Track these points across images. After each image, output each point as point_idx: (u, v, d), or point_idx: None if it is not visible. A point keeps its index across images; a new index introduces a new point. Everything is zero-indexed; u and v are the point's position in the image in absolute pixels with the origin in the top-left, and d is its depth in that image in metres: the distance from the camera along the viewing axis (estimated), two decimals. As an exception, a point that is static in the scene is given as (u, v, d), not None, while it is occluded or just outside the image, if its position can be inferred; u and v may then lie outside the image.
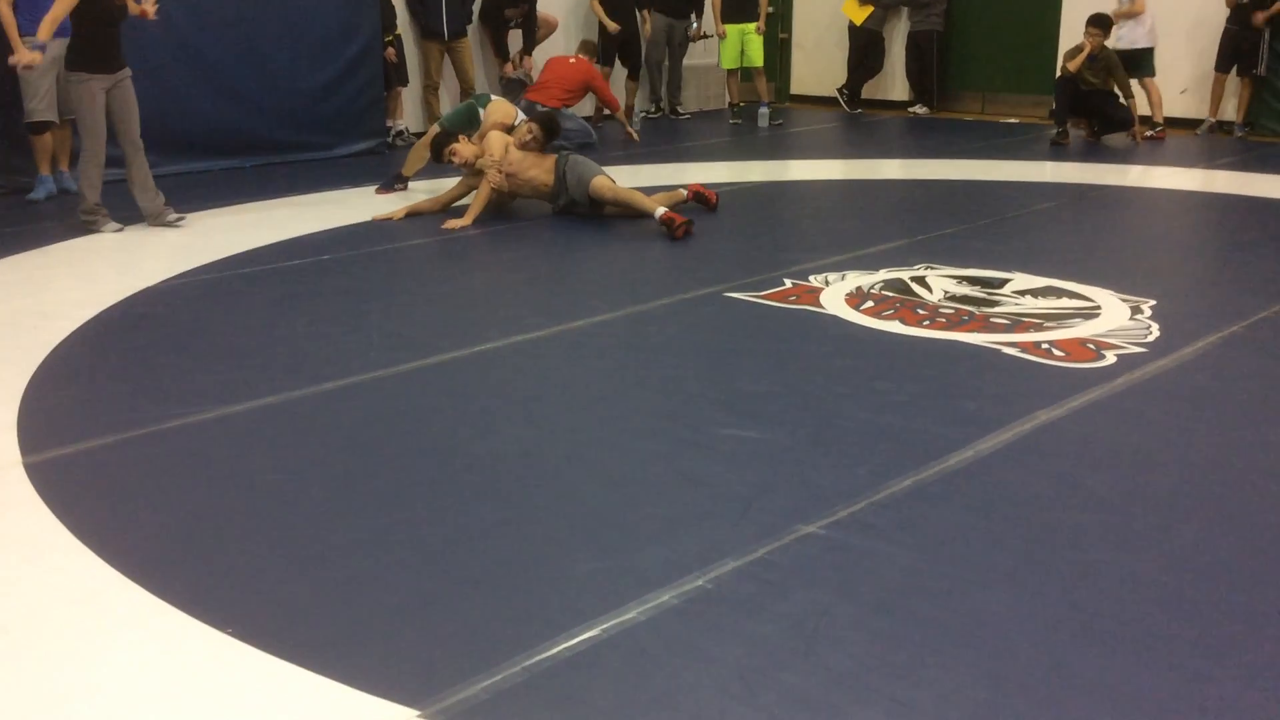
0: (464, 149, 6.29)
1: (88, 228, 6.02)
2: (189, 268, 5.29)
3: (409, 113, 9.39)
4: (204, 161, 7.75)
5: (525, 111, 9.09)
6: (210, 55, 7.79)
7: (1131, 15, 9.27)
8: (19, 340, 4.22)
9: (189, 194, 6.89)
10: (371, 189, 7.13)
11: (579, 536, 2.72)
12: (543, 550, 2.66)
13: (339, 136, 8.50)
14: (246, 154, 8.02)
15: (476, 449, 3.26)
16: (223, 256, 5.50)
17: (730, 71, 10.73)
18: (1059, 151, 8.94)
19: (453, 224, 6.02)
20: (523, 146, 6.27)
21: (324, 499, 2.94)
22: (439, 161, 6.51)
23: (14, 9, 6.58)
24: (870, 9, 11.23)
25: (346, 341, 4.22)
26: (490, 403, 3.64)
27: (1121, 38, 9.25)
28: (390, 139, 9.04)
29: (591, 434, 3.39)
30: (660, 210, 5.87)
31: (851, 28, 11.42)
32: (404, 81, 9.18)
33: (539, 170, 6.27)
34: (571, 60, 9.33)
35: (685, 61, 10.99)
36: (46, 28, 5.77)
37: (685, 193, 6.43)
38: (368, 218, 6.39)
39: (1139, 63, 9.27)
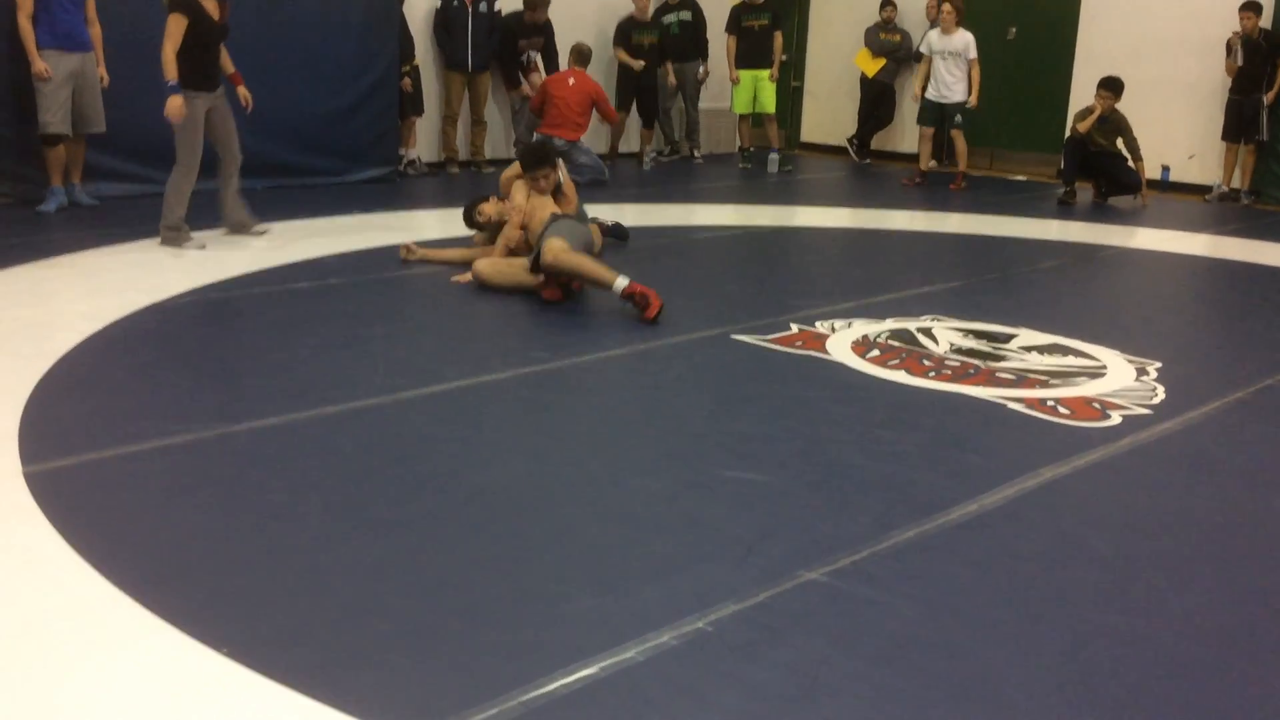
0: (489, 207, 6.02)
1: (170, 242, 6.09)
2: (196, 285, 5.29)
3: (422, 143, 9.45)
4: (216, 181, 7.78)
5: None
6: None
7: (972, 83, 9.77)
8: (23, 350, 4.21)
9: (200, 213, 6.91)
10: (382, 215, 7.15)
11: (578, 572, 2.70)
12: (541, 585, 2.64)
13: (352, 162, 8.55)
14: (260, 176, 8.05)
15: (477, 480, 3.25)
16: (231, 276, 5.51)
17: (742, 116, 10.82)
18: (1066, 210, 8.99)
19: (462, 278, 5.59)
20: (539, 191, 5.78)
21: (323, 523, 2.92)
22: (470, 226, 6.21)
23: (33, 22, 6.65)
24: (883, 62, 11.35)
25: (351, 366, 4.22)
26: (492, 434, 3.63)
27: (949, 95, 9.79)
28: (402, 167, 9.09)
29: (593, 470, 3.38)
30: (624, 283, 4.97)
31: (863, 79, 11.53)
32: (419, 111, 9.25)
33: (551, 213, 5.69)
34: (570, 81, 9.22)
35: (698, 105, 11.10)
36: (172, 65, 5.84)
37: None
38: (376, 244, 6.41)
39: (954, 113, 9.84)
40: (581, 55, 9.40)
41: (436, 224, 7.22)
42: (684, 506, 3.10)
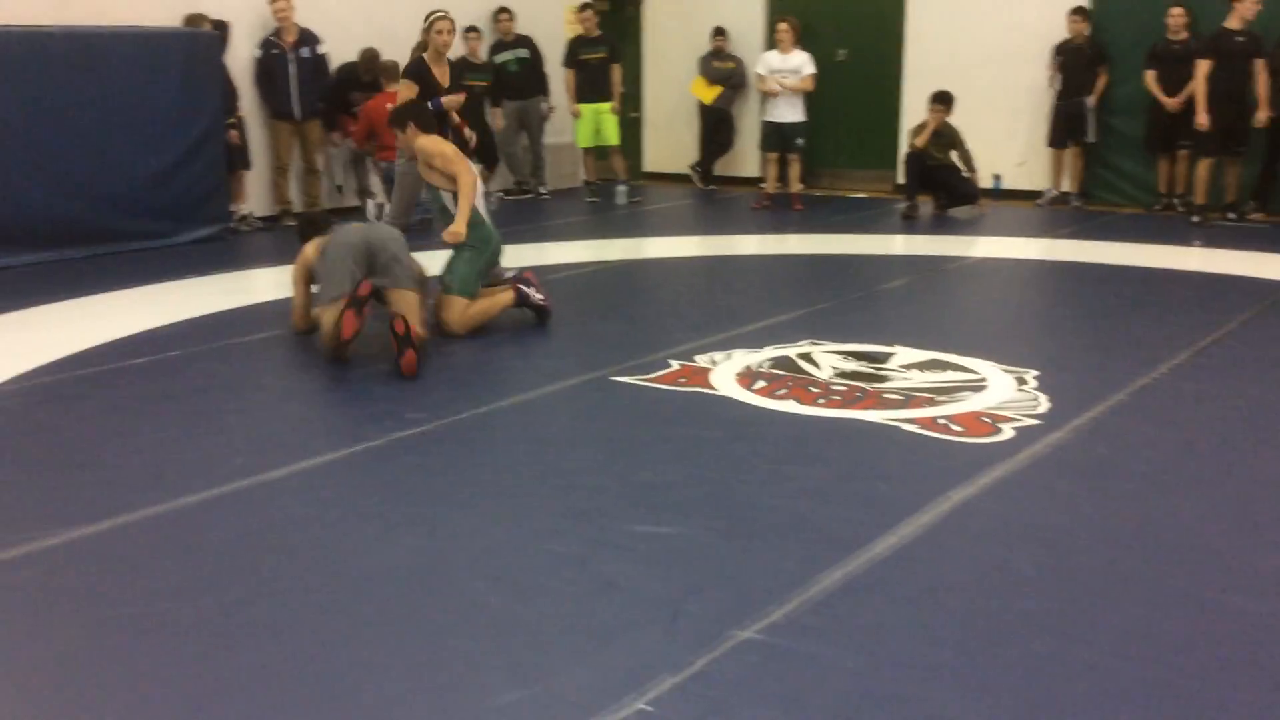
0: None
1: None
2: (22, 371, 4.80)
3: (254, 196, 9.00)
4: (35, 253, 7.18)
5: (386, 173, 8.78)
6: (42, 142, 7.26)
7: (801, 90, 9.92)
8: None
9: (18, 289, 6.36)
10: (216, 276, 6.72)
11: (492, 660, 2.46)
12: (452, 680, 2.38)
13: (180, 223, 8.02)
14: (82, 244, 7.47)
15: (366, 564, 2.97)
16: (60, 357, 5.02)
17: (586, 150, 10.72)
18: (910, 225, 9.17)
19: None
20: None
21: (198, 633, 2.60)
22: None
23: None
24: (719, 89, 11.43)
25: (206, 448, 3.85)
26: (378, 508, 3.34)
27: (786, 115, 9.94)
28: (234, 224, 8.62)
29: (493, 538, 3.14)
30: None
31: (701, 106, 11.59)
32: (247, 165, 8.80)
33: None
34: (389, 106, 8.88)
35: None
36: None
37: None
38: (214, 308, 5.99)
39: (793, 135, 10.00)
40: (391, 72, 8.96)
41: (274, 281, 6.81)
42: (597, 569, 2.89)
